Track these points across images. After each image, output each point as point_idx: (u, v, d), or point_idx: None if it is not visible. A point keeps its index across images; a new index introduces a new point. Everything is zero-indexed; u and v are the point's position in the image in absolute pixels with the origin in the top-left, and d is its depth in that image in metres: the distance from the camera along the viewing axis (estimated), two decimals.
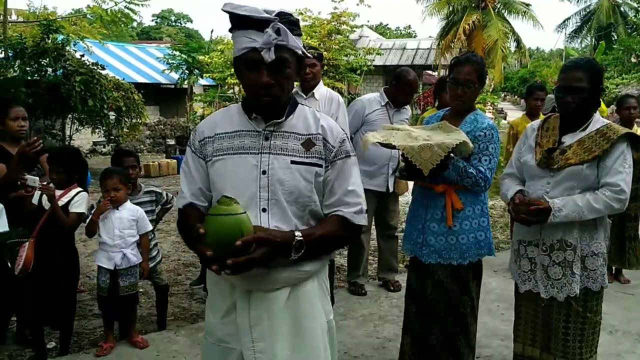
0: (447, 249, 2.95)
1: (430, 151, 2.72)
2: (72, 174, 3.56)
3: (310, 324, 1.83)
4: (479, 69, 2.97)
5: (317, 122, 1.85)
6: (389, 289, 4.86)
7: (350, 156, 1.87)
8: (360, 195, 1.87)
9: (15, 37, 10.66)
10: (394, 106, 4.68)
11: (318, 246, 1.78)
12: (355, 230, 1.88)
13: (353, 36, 20.57)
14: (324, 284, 1.92)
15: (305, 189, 1.79)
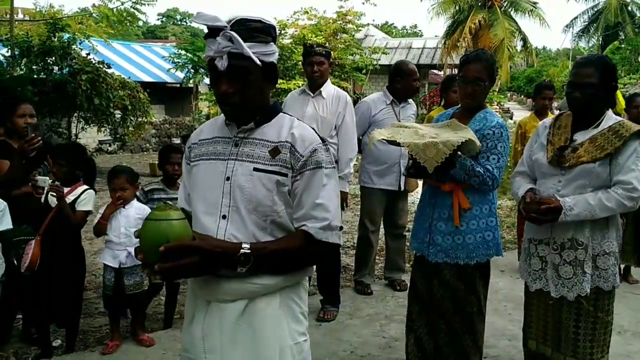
0: (454, 248, 2.92)
1: (435, 149, 2.69)
2: (75, 168, 3.56)
3: (264, 342, 1.70)
4: (488, 67, 2.94)
5: (289, 130, 1.75)
6: (395, 288, 4.83)
7: (323, 167, 1.72)
8: (329, 209, 1.71)
9: (21, 36, 10.69)
10: (399, 102, 4.67)
11: (272, 261, 1.68)
12: (323, 248, 1.72)
13: (359, 35, 20.54)
14: (295, 303, 1.78)
15: (265, 197, 1.70)
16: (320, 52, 4.18)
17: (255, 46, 1.67)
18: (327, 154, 1.75)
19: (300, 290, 1.81)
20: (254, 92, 1.73)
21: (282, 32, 18.05)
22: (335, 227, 1.73)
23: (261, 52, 1.68)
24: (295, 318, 1.78)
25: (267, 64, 1.71)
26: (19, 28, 12.15)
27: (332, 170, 1.76)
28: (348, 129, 4.19)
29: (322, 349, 3.68)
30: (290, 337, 1.74)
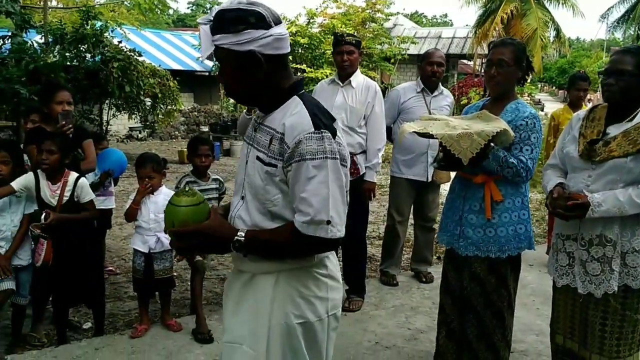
0: (485, 241, 2.88)
1: (469, 139, 2.65)
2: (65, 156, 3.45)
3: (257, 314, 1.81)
4: (514, 51, 2.88)
5: (285, 119, 1.73)
6: (420, 280, 4.82)
7: (307, 160, 1.66)
8: (312, 204, 1.66)
9: (55, 23, 10.84)
10: (430, 91, 4.61)
11: (262, 249, 1.76)
12: (313, 242, 1.70)
13: (387, 24, 20.38)
14: (293, 287, 1.80)
15: (260, 186, 1.76)
16: (351, 42, 4.15)
17: (223, 37, 1.69)
18: (320, 144, 1.67)
19: (302, 275, 1.81)
20: (237, 81, 1.77)
21: (310, 20, 18.01)
22: (320, 222, 1.68)
23: (232, 42, 1.68)
24: (292, 300, 1.79)
25: (243, 53, 1.70)
26: (52, 15, 12.34)
27: (323, 161, 1.67)
28: (377, 119, 4.17)
29: (347, 339, 3.69)
30: (282, 316, 1.78)
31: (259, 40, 1.69)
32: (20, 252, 3.44)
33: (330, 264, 1.88)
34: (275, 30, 1.71)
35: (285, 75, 1.79)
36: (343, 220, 1.75)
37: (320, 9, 18.44)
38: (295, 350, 1.81)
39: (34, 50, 9.80)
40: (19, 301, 3.51)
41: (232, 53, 1.70)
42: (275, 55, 1.73)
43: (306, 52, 17.11)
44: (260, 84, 1.76)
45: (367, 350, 3.56)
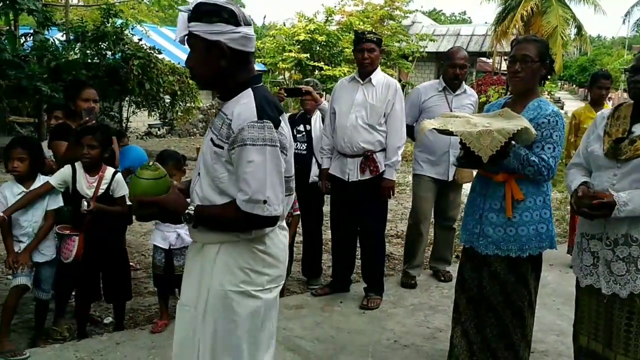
0: (506, 240, 2.86)
1: (489, 137, 2.62)
2: (105, 150, 3.52)
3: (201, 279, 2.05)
4: (539, 47, 2.85)
5: (235, 107, 1.96)
6: (439, 278, 4.79)
7: (248, 145, 1.89)
8: (251, 184, 1.90)
9: (76, 21, 10.97)
10: (452, 90, 4.57)
11: (208, 222, 2.00)
12: (251, 218, 1.93)
13: (406, 22, 20.32)
14: (232, 257, 2.01)
15: (210, 164, 1.99)
16: (372, 39, 4.14)
17: (197, 25, 1.93)
18: (260, 132, 1.89)
19: (242, 248, 2.01)
20: (202, 65, 1.99)
21: (328, 18, 18.01)
22: (257, 201, 1.91)
23: (204, 31, 1.93)
24: (230, 270, 2.01)
25: (211, 41, 1.94)
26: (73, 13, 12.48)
27: (262, 147, 1.90)
28: (397, 117, 4.15)
29: (365, 337, 3.69)
30: (220, 283, 2.01)
31: (227, 34, 1.94)
32: (42, 248, 3.47)
33: (270, 242, 2.06)
34: (244, 30, 1.97)
35: (245, 70, 2.02)
36: (279, 200, 1.96)
37: (338, 7, 18.44)
38: (229, 314, 2.01)
39: (56, 47, 9.93)
40: (42, 296, 3.55)
41: (202, 40, 1.94)
42: (240, 51, 1.98)
43: (324, 50, 17.12)
44: (221, 72, 1.99)
45: (385, 349, 3.55)
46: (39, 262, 3.47)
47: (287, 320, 3.87)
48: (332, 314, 4.03)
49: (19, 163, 3.41)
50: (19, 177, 3.44)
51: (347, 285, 4.46)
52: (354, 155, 4.15)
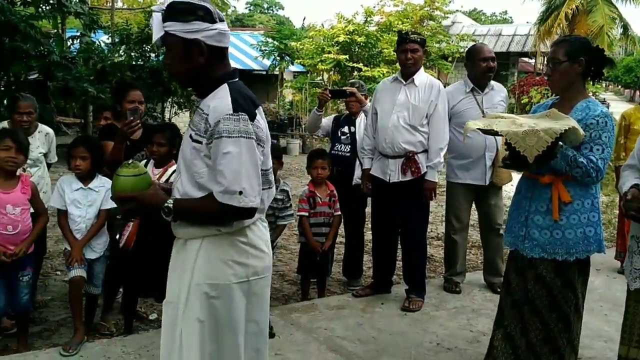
0: (552, 243, 2.80)
1: (536, 137, 2.58)
2: (173, 147, 3.60)
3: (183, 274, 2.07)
4: (567, 47, 2.82)
5: (211, 102, 2.00)
6: (495, 291, 4.47)
7: (224, 137, 1.92)
8: (226, 176, 1.93)
9: (121, 24, 11.24)
10: (481, 90, 4.46)
11: (187, 215, 2.04)
12: (227, 209, 1.95)
13: (446, 22, 20.10)
14: (214, 250, 2.04)
15: (189, 160, 2.03)
16: (415, 40, 4.11)
17: (172, 24, 1.97)
18: (235, 124, 1.93)
19: (223, 241, 2.05)
20: (180, 63, 2.03)
21: (367, 19, 17.95)
22: (233, 192, 1.93)
23: (181, 30, 1.97)
24: (212, 263, 2.04)
25: (189, 40, 1.98)
26: (118, 16, 12.79)
27: (237, 139, 1.93)
28: (439, 118, 4.11)
29: (407, 339, 3.67)
30: (202, 277, 2.04)
31: (204, 32, 1.98)
32: (94, 245, 3.57)
33: (252, 234, 2.10)
34: (219, 26, 2.01)
35: (221, 66, 2.07)
36: (256, 192, 1.98)
37: (377, 8, 18.36)
38: (214, 306, 2.04)
39: (101, 50, 10.20)
40: (92, 291, 3.66)
41: (180, 39, 1.98)
42: (216, 47, 2.02)
43: (363, 51, 17.07)
44: (199, 69, 2.02)
45: (428, 351, 3.53)
46: (91, 258, 3.57)
47: (328, 320, 3.88)
48: (374, 315, 4.02)
49: (81, 162, 3.53)
50: (80, 175, 3.56)
51: (388, 286, 4.45)
52: (395, 156, 4.13)
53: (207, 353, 2.06)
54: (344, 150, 4.73)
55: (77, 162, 3.52)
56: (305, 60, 17.80)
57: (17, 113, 3.94)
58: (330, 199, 4.33)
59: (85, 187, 3.55)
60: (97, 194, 3.56)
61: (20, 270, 3.35)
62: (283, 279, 5.08)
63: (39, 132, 4.12)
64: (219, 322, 2.06)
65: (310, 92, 18.14)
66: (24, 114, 3.93)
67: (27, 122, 3.95)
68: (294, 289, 4.81)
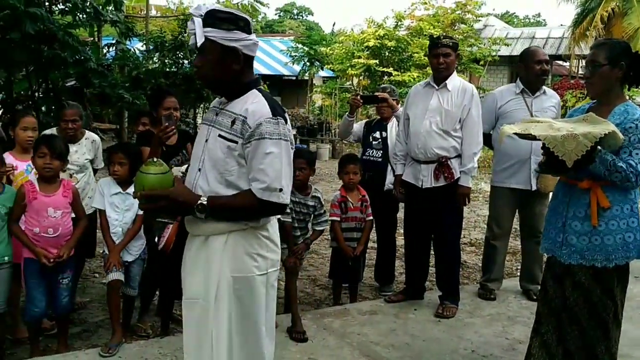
0: (591, 249, 2.75)
1: (574, 141, 2.54)
2: None
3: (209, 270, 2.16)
4: (606, 50, 2.77)
5: (247, 105, 2.12)
6: (531, 298, 4.43)
7: (266, 138, 2.06)
8: (268, 174, 2.07)
9: (156, 32, 11.43)
10: (532, 92, 4.39)
11: (223, 211, 2.11)
12: (266, 205, 2.09)
13: (477, 25, 19.89)
14: (241, 245, 2.15)
15: (220, 158, 2.13)
16: (447, 44, 4.09)
17: (214, 31, 2.08)
18: (276, 127, 2.09)
19: (249, 235, 2.16)
20: (215, 68, 2.14)
21: (398, 23, 17.91)
22: (274, 189, 2.08)
23: (220, 37, 2.09)
24: (239, 257, 2.15)
25: (228, 47, 2.10)
26: (152, 24, 13.01)
27: (278, 141, 2.09)
28: (473, 123, 4.07)
29: (442, 346, 3.65)
30: (229, 270, 2.14)
31: (242, 41, 2.13)
32: (131, 247, 3.65)
33: (272, 228, 2.24)
34: (254, 37, 2.18)
35: (249, 73, 2.22)
36: (289, 190, 2.16)
37: (408, 12, 18.30)
38: (240, 299, 2.15)
39: (136, 57, 10.38)
40: (129, 292, 3.73)
41: (219, 46, 2.10)
42: (249, 56, 2.18)
43: (393, 55, 17.02)
44: (232, 75, 2.15)
45: (463, 358, 3.50)
46: (128, 260, 3.65)
47: (361, 325, 3.88)
48: (407, 321, 4.00)
49: (119, 167, 3.62)
50: (118, 180, 3.64)
51: (421, 292, 4.42)
52: (427, 161, 4.11)
53: (235, 345, 2.16)
54: (375, 155, 4.73)
55: (115, 167, 3.62)
56: (335, 66, 17.84)
57: (63, 121, 4.07)
58: (362, 204, 4.33)
59: (123, 192, 3.64)
60: (135, 199, 3.63)
61: (60, 273, 3.43)
62: (315, 283, 5.10)
63: (86, 139, 4.23)
64: (244, 315, 2.18)
65: (340, 97, 18.17)
66: (69, 121, 4.05)
67: (73, 129, 4.06)
68: (326, 294, 4.82)
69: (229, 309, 2.15)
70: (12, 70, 7.59)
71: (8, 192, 3.37)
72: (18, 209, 3.34)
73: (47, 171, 3.38)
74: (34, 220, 3.34)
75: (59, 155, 3.40)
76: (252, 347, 2.20)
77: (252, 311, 2.18)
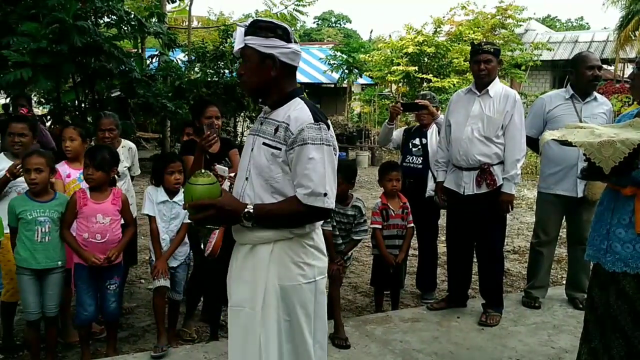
0: (635, 257, 2.68)
1: (612, 148, 2.49)
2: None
3: (255, 279, 2.18)
4: None
5: (289, 112, 2.15)
6: (577, 306, 4.36)
7: (309, 144, 2.08)
8: (313, 179, 2.08)
9: (198, 42, 11.69)
10: (581, 98, 4.30)
11: (269, 218, 2.13)
12: (311, 211, 2.11)
13: (518, 30, 19.60)
14: (286, 254, 2.17)
15: (265, 165, 2.15)
16: (488, 50, 4.05)
17: (253, 39, 2.16)
18: (318, 132, 2.10)
19: (295, 244, 2.18)
20: (254, 75, 2.19)
21: (437, 29, 17.81)
22: (319, 194, 2.10)
23: (258, 44, 2.15)
24: (285, 265, 2.17)
25: (265, 54, 2.15)
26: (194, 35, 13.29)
27: (321, 146, 2.10)
28: (516, 129, 4.02)
29: (486, 354, 3.60)
30: (276, 279, 2.16)
31: (279, 48, 2.17)
32: (176, 254, 3.75)
33: (317, 236, 2.26)
34: (294, 47, 2.20)
35: (291, 82, 2.25)
36: (334, 194, 2.17)
37: (447, 17, 18.18)
38: (288, 307, 2.17)
39: (179, 67, 10.63)
40: (174, 297, 3.83)
41: (257, 52, 2.16)
42: (288, 65, 2.20)
43: (432, 62, 16.94)
44: (270, 81, 2.19)
45: None
46: (174, 266, 3.75)
47: (403, 333, 3.87)
48: (450, 329, 3.97)
49: (178, 175, 3.73)
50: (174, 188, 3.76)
51: (464, 300, 4.38)
52: (469, 168, 4.08)
53: (285, 353, 2.19)
54: (415, 162, 4.72)
55: (175, 175, 3.72)
56: (373, 73, 17.85)
57: (100, 130, 4.20)
58: (403, 211, 4.32)
59: (170, 200, 3.73)
60: (181, 208, 3.72)
61: (108, 279, 3.54)
62: (356, 290, 5.11)
63: (123, 147, 4.35)
64: (293, 323, 2.19)
65: (379, 104, 18.15)
66: (106, 130, 4.18)
67: (110, 138, 4.19)
68: (367, 301, 4.82)
69: (277, 316, 2.17)
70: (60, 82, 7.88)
71: (60, 198, 3.49)
72: (70, 215, 3.46)
73: (89, 181, 3.48)
74: (83, 226, 3.46)
75: (99, 165, 3.45)
76: (302, 354, 2.21)
77: (301, 319, 2.19)
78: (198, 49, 11.19)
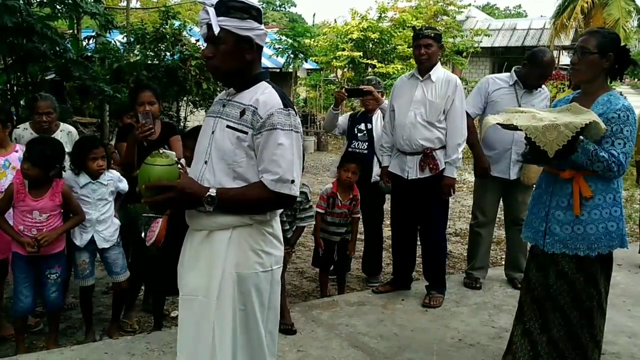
0: (574, 238, 2.78)
1: (556, 131, 2.56)
2: None
3: (212, 265, 2.10)
4: (599, 39, 2.77)
5: (257, 96, 2.08)
6: (516, 286, 4.46)
7: (278, 129, 2.02)
8: (281, 165, 2.03)
9: (137, 24, 11.28)
10: (523, 87, 4.39)
11: (232, 204, 2.05)
12: (277, 197, 2.05)
13: (460, 17, 19.98)
14: (245, 241, 2.10)
15: (229, 149, 2.06)
16: (429, 35, 4.08)
17: (228, 20, 2.02)
18: (287, 118, 2.05)
19: (254, 231, 2.12)
20: (228, 58, 2.08)
21: (381, 15, 17.90)
22: (286, 180, 2.05)
23: (235, 26, 2.03)
24: (243, 253, 2.10)
25: (242, 36, 2.05)
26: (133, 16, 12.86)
27: (290, 132, 2.05)
28: (457, 114, 4.07)
29: (429, 335, 3.67)
30: (233, 266, 2.08)
31: (255, 30, 2.08)
32: (105, 234, 3.59)
33: (276, 224, 2.21)
34: (264, 27, 2.13)
35: (258, 65, 2.18)
36: (299, 182, 2.14)
37: (391, 3, 18.31)
38: (244, 296, 2.11)
39: (117, 49, 10.24)
40: (118, 279, 3.66)
41: (233, 35, 2.05)
42: (260, 46, 2.13)
43: (377, 47, 17.03)
44: (244, 65, 2.10)
45: (450, 347, 3.52)
46: (105, 247, 3.60)
47: (349, 316, 3.89)
48: (395, 312, 4.02)
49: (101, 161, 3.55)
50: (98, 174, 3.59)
51: (408, 283, 4.44)
52: (413, 152, 4.12)
53: (239, 344, 2.11)
54: (361, 147, 4.73)
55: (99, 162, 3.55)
56: (319, 58, 17.80)
57: (36, 113, 3.98)
58: (351, 203, 4.32)
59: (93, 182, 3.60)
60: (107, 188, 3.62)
61: (48, 269, 3.40)
62: (302, 276, 5.10)
63: (61, 131, 4.15)
64: (248, 312, 2.13)
65: (325, 89, 18.14)
66: (43, 114, 3.96)
67: (47, 122, 3.98)
68: (313, 286, 4.83)
69: (233, 305, 2.09)
70: None
71: None
72: (5, 204, 3.29)
73: (25, 176, 3.31)
74: (19, 218, 3.31)
75: (36, 162, 3.27)
76: (256, 345, 2.17)
77: (256, 308, 2.13)
78: (137, 31, 10.79)
